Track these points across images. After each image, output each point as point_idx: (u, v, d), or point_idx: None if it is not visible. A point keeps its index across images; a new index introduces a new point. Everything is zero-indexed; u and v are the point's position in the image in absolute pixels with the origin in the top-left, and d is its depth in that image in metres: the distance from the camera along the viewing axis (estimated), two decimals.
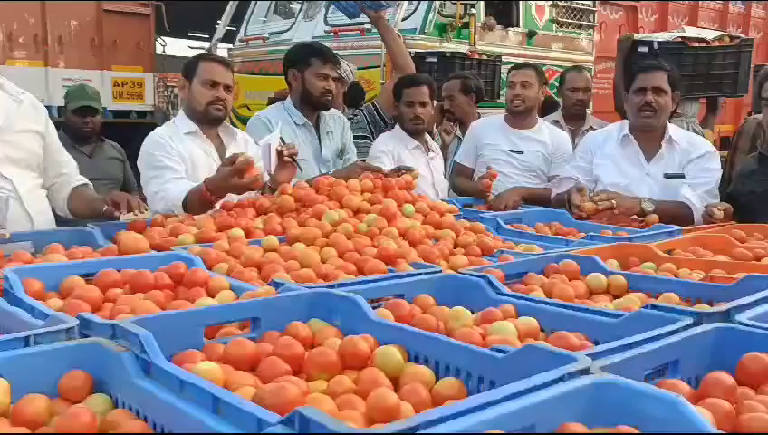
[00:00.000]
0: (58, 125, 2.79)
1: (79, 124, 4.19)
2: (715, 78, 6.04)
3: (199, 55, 3.03)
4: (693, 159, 3.01)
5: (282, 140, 2.88)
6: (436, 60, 5.77)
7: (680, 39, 5.93)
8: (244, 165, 2.37)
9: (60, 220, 2.58)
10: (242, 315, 1.37)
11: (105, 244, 2.13)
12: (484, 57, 6.21)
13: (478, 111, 4.65)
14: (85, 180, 2.63)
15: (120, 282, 1.64)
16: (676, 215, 2.77)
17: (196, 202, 2.50)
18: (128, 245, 1.97)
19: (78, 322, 1.20)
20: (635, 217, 2.78)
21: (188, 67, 2.83)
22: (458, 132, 4.51)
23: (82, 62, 8.87)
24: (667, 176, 3.01)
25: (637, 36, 6.27)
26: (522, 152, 3.70)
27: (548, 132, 3.79)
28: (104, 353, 1.11)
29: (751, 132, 4.10)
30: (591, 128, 4.19)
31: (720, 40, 6.11)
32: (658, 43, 5.77)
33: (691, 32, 6.46)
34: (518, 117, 3.76)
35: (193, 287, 1.61)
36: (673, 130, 3.09)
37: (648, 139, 3.05)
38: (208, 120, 2.81)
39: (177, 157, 2.70)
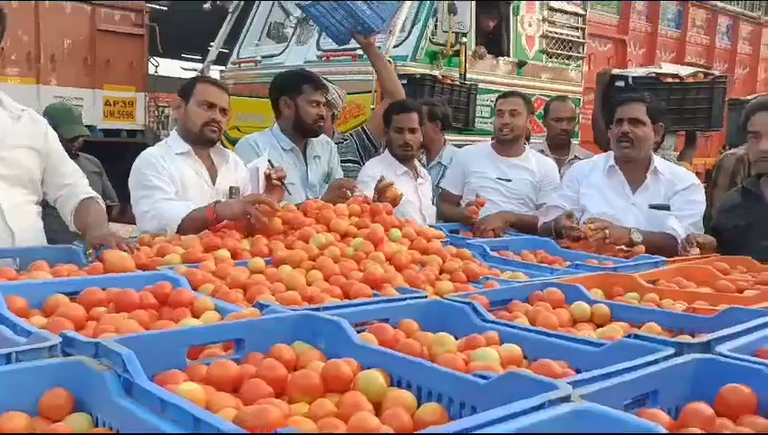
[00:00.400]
0: None
1: (68, 147, 4.21)
2: (689, 113, 6.22)
3: (196, 77, 3.08)
4: (678, 191, 3.05)
5: (270, 163, 2.89)
6: (405, 82, 5.55)
7: (654, 75, 6.10)
8: (268, 203, 2.46)
9: (50, 239, 2.55)
10: (226, 336, 1.37)
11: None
12: (457, 83, 6.13)
13: (461, 138, 4.60)
14: (92, 193, 2.56)
15: (105, 301, 1.63)
16: (663, 246, 2.80)
17: (193, 227, 2.50)
18: (114, 263, 1.96)
19: (61, 340, 1.19)
20: (621, 246, 2.81)
21: (185, 88, 2.87)
22: (423, 160, 4.50)
23: (75, 81, 8.87)
24: (653, 207, 3.04)
25: (614, 71, 6.42)
26: (510, 180, 3.73)
27: (535, 160, 3.82)
28: (86, 372, 1.10)
29: (730, 170, 4.14)
30: (576, 157, 4.23)
31: (694, 76, 6.32)
32: (633, 78, 5.93)
33: (667, 68, 6.67)
34: (506, 145, 3.79)
35: (178, 307, 1.61)
36: (658, 161, 3.13)
37: (633, 169, 3.09)
38: (202, 142, 2.83)
39: (167, 177, 2.71)
